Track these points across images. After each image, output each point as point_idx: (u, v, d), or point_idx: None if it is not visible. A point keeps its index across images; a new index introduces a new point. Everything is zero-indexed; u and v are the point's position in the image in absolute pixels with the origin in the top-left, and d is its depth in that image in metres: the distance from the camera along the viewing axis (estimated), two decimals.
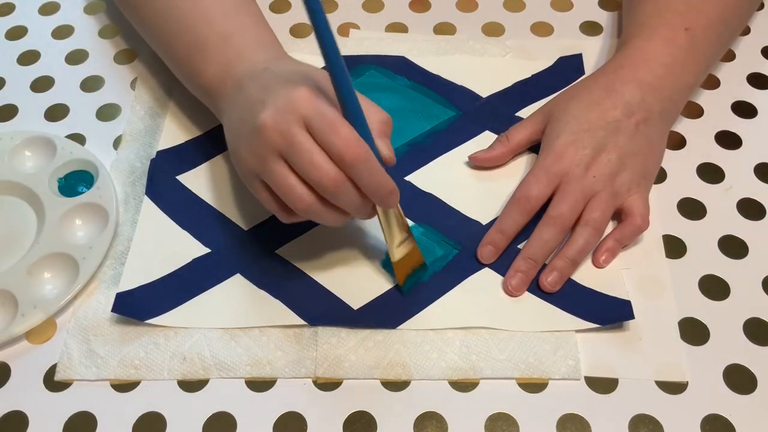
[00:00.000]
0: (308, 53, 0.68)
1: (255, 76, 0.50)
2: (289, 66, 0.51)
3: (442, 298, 0.52)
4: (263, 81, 0.48)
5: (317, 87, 0.46)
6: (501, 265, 0.54)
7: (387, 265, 0.54)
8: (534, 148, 0.59)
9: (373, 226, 0.55)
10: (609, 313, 0.51)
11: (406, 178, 0.59)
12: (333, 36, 0.42)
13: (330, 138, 0.44)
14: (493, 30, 0.70)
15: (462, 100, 0.64)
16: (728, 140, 0.62)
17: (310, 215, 0.47)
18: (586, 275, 0.53)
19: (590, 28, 0.70)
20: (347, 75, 0.43)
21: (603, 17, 0.71)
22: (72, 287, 0.53)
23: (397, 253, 0.51)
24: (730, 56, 0.67)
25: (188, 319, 0.52)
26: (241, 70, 0.52)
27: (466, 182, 0.59)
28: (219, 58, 0.54)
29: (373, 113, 0.47)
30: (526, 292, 0.53)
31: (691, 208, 0.57)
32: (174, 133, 0.62)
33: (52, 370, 0.50)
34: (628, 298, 0.52)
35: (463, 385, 0.49)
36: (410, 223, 0.56)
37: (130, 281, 0.53)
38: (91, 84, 0.67)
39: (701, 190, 0.58)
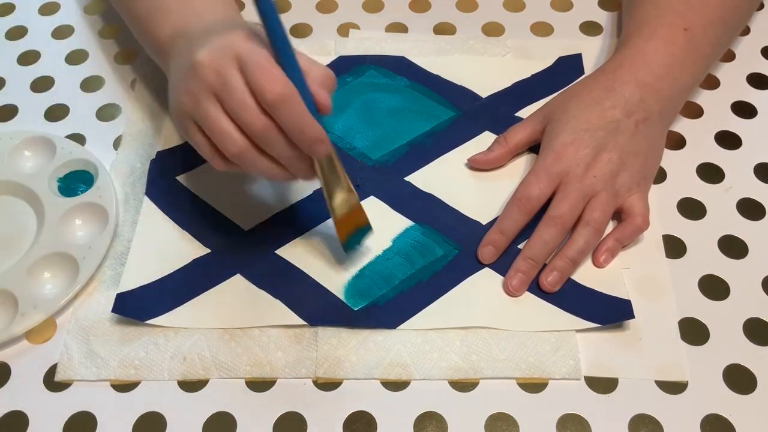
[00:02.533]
0: (307, 53, 0.68)
1: (205, 33, 0.50)
2: (238, 23, 0.51)
3: (442, 298, 0.52)
4: (208, 31, 0.49)
5: (253, 30, 0.47)
6: (501, 266, 0.54)
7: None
8: (534, 148, 0.59)
9: (374, 225, 0.55)
10: (609, 312, 0.51)
11: (406, 179, 0.59)
12: None
13: (256, 76, 0.44)
14: (493, 30, 0.70)
15: (462, 100, 0.64)
16: (728, 140, 0.62)
17: (242, 161, 0.47)
18: (586, 275, 0.53)
19: (590, 28, 0.70)
20: (282, 24, 0.44)
21: (603, 17, 0.71)
22: (72, 287, 0.53)
23: (338, 210, 0.50)
24: (730, 56, 0.67)
25: (188, 319, 0.52)
26: (193, 28, 0.52)
27: (466, 182, 0.59)
28: (175, 18, 0.55)
29: (316, 68, 0.48)
30: (527, 292, 0.53)
31: (691, 208, 0.57)
32: (174, 133, 0.62)
33: (52, 370, 0.50)
34: (628, 298, 0.52)
35: (463, 385, 0.49)
36: (407, 221, 0.56)
37: (130, 281, 0.53)
38: (91, 84, 0.67)
39: (701, 190, 0.58)
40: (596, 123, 0.55)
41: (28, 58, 0.70)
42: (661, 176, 0.59)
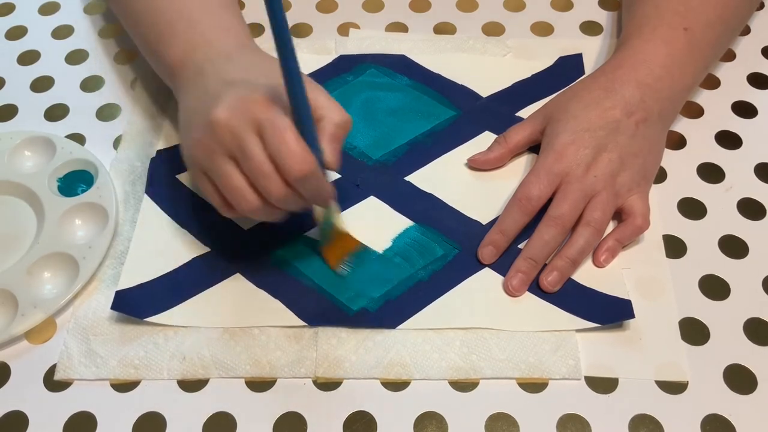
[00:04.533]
0: (307, 52, 0.68)
1: (216, 64, 0.51)
2: (250, 58, 0.51)
3: (442, 297, 0.52)
4: (223, 74, 0.49)
5: (273, 90, 0.46)
6: (501, 265, 0.54)
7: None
8: (534, 148, 0.59)
9: (374, 224, 0.55)
10: (609, 312, 0.51)
11: (406, 178, 0.59)
12: (290, 37, 0.41)
13: (279, 149, 0.44)
14: (493, 30, 0.70)
15: (462, 100, 0.64)
16: (728, 140, 0.62)
17: (251, 215, 0.48)
18: (587, 275, 0.53)
19: (590, 28, 0.70)
20: (300, 79, 0.43)
21: (603, 17, 0.71)
22: (72, 287, 0.53)
23: (324, 242, 0.53)
24: (730, 56, 0.67)
25: (187, 317, 0.52)
26: (203, 54, 0.52)
27: (466, 182, 0.59)
28: (183, 41, 0.54)
29: (334, 114, 0.48)
30: (527, 292, 0.52)
31: (691, 208, 0.57)
32: (174, 132, 0.62)
33: (52, 370, 0.50)
34: (628, 298, 0.52)
35: (463, 385, 0.49)
36: (407, 221, 0.56)
37: (130, 279, 0.53)
38: (91, 84, 0.67)
39: (701, 190, 0.58)
40: (596, 123, 0.55)
41: (28, 58, 0.70)
42: (661, 176, 0.59)
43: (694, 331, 0.51)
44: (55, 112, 0.65)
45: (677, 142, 0.61)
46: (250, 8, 0.72)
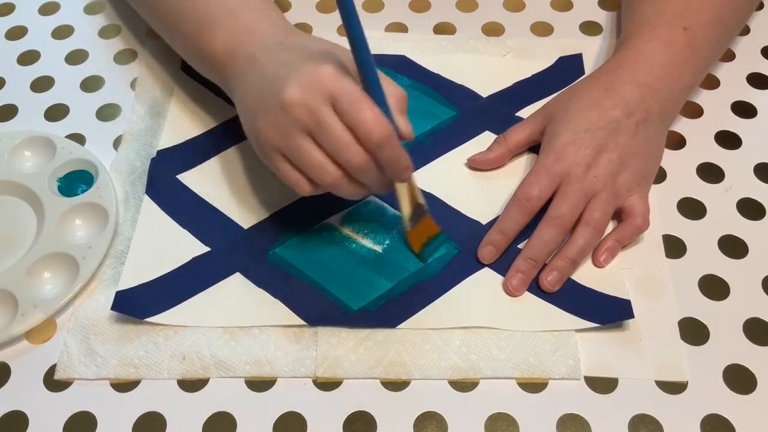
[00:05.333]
0: None
1: (269, 50, 0.51)
2: (304, 41, 0.52)
3: (442, 297, 0.52)
4: (281, 56, 0.49)
5: (340, 64, 0.47)
6: (501, 265, 0.54)
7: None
8: (534, 148, 0.59)
9: (374, 224, 0.55)
10: (609, 312, 0.51)
11: None
12: (357, 14, 0.43)
13: (357, 117, 0.45)
14: (493, 30, 0.70)
15: (462, 99, 0.64)
16: (728, 140, 0.62)
17: (334, 189, 0.48)
18: (586, 275, 0.53)
19: (590, 28, 0.70)
20: (369, 52, 0.45)
21: (603, 17, 0.71)
22: (72, 287, 0.53)
23: (411, 224, 0.52)
24: (730, 56, 0.67)
25: (187, 317, 0.52)
26: (251, 44, 0.52)
27: (466, 182, 0.59)
28: (227, 32, 0.54)
29: (391, 89, 0.48)
30: (527, 292, 0.53)
31: (691, 208, 0.57)
32: (174, 132, 0.62)
33: (52, 370, 0.50)
34: (628, 298, 0.52)
35: (463, 385, 0.49)
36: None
37: (130, 279, 0.53)
38: (91, 84, 0.67)
39: (701, 190, 0.58)
40: (597, 123, 0.55)
41: (28, 58, 0.70)
42: (661, 176, 0.59)
43: (693, 331, 0.51)
44: (55, 112, 0.65)
45: (677, 142, 0.61)
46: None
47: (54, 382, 0.50)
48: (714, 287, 0.53)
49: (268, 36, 0.53)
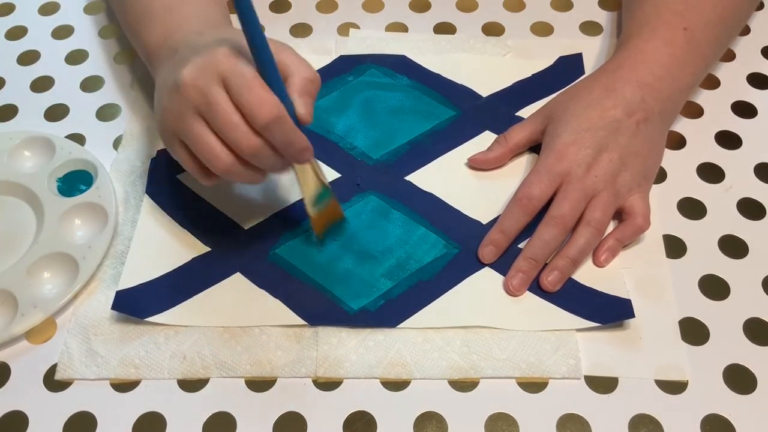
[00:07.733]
0: (307, 52, 0.68)
1: (187, 40, 0.51)
2: (220, 32, 0.51)
3: (442, 297, 0.52)
4: (194, 45, 0.49)
5: (236, 44, 0.46)
6: (502, 265, 0.54)
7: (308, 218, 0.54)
8: (534, 148, 0.59)
9: (373, 224, 0.55)
10: (609, 312, 0.51)
11: (407, 178, 0.59)
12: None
13: (245, 97, 0.44)
14: (493, 30, 0.70)
15: (462, 99, 0.64)
16: (728, 140, 0.62)
17: (228, 176, 0.47)
18: (587, 274, 0.53)
19: (590, 28, 0.70)
20: (261, 30, 0.44)
21: (603, 17, 0.71)
22: (72, 287, 0.53)
23: (312, 208, 0.52)
24: (730, 56, 0.67)
25: (188, 317, 0.52)
26: (178, 37, 0.53)
27: (466, 182, 0.59)
28: (161, 27, 0.55)
29: (301, 70, 0.47)
30: (527, 292, 0.53)
31: (691, 208, 0.57)
32: None
33: (52, 370, 0.50)
34: (628, 298, 0.52)
35: (463, 385, 0.49)
36: (407, 220, 0.56)
37: (130, 279, 0.53)
38: (91, 84, 0.67)
39: (701, 190, 0.58)
40: (597, 123, 0.55)
41: (28, 58, 0.70)
42: (661, 176, 0.59)
43: (694, 331, 0.51)
44: (55, 112, 0.65)
45: (677, 142, 0.61)
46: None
47: (54, 382, 0.50)
48: (714, 287, 0.53)
49: (194, 28, 0.53)
